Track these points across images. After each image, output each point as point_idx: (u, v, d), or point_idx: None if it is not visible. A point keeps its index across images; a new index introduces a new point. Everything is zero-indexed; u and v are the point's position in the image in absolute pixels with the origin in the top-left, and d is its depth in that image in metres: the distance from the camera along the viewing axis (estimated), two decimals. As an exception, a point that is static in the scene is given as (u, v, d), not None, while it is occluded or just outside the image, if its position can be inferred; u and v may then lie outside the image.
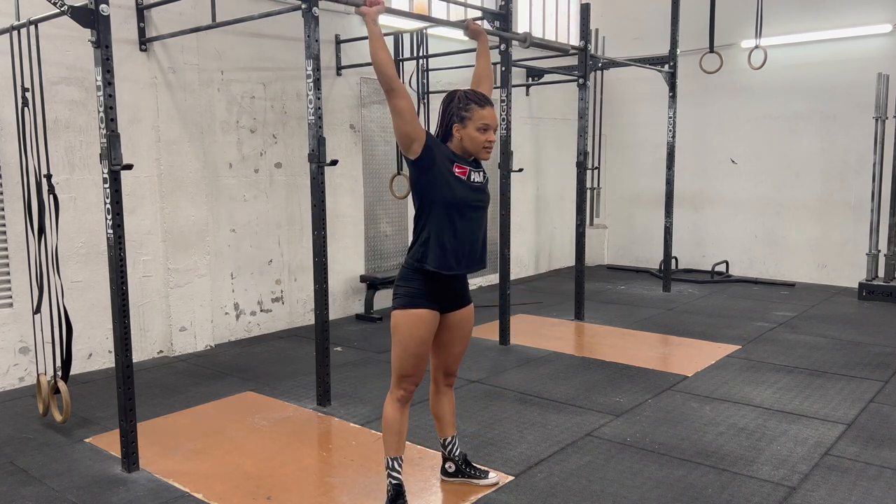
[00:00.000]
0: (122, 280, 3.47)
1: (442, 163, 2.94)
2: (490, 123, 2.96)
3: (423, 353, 3.03)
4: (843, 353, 5.64)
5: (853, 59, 8.30)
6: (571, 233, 9.91)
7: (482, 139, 2.97)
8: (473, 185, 3.02)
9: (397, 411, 3.09)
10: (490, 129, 2.97)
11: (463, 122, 2.95)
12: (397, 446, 3.11)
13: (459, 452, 3.42)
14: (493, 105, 3.01)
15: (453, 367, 3.27)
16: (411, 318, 2.99)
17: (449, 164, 2.95)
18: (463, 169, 2.98)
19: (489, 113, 2.96)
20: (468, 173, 3.00)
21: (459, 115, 2.96)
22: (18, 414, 4.44)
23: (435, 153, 2.94)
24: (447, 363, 3.25)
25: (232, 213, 6.15)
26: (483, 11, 5.55)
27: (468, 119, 2.94)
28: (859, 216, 8.38)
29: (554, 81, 8.57)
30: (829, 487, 3.35)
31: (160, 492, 3.37)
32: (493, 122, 2.97)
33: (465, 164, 3.01)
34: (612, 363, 5.44)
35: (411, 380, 3.07)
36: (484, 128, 2.95)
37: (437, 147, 2.97)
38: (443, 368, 3.26)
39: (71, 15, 3.34)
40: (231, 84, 6.06)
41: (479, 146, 2.98)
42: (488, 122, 2.95)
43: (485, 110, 2.95)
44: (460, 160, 3.00)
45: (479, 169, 3.11)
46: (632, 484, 3.41)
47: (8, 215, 4.87)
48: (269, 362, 5.56)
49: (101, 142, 3.37)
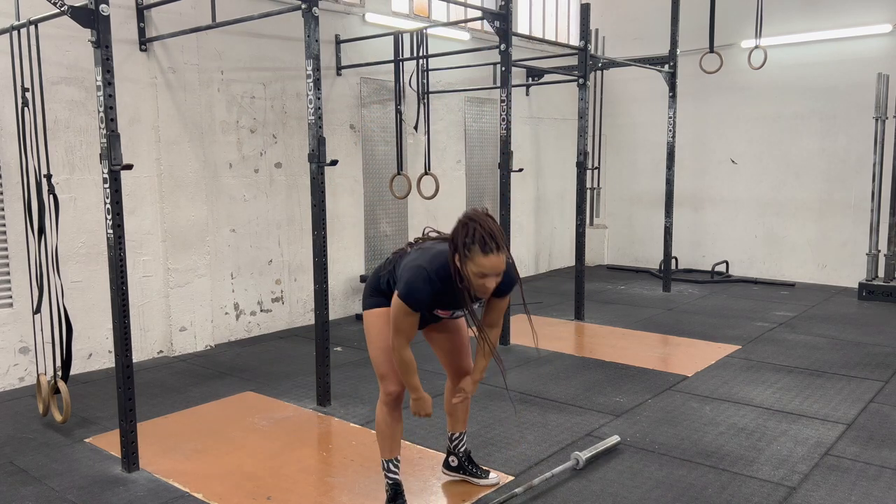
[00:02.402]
0: (122, 280, 3.47)
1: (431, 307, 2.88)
2: (489, 273, 2.67)
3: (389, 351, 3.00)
4: (843, 353, 5.64)
5: (853, 59, 8.30)
6: (571, 233, 9.92)
7: (479, 283, 2.71)
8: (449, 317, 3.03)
9: (386, 415, 3.09)
10: (489, 277, 2.69)
11: (464, 260, 2.67)
12: (391, 449, 3.12)
13: (465, 449, 3.43)
14: (502, 251, 2.67)
15: (459, 363, 3.22)
16: (381, 316, 3.00)
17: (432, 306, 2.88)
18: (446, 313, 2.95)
19: (491, 263, 2.64)
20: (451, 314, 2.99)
21: (462, 250, 2.68)
22: (18, 414, 4.44)
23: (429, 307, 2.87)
24: (450, 361, 3.23)
25: (232, 213, 6.15)
26: (483, 11, 5.54)
27: (468, 260, 2.66)
28: (859, 216, 8.38)
29: (554, 81, 8.57)
30: (829, 487, 3.35)
31: (160, 492, 3.37)
32: (495, 270, 2.67)
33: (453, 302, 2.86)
34: (612, 363, 5.44)
35: (389, 380, 3.03)
36: (482, 275, 2.68)
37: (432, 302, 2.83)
38: (451, 367, 3.24)
39: (71, 15, 3.34)
40: (231, 84, 6.06)
41: (476, 288, 2.73)
42: (486, 272, 2.67)
43: (487, 259, 2.64)
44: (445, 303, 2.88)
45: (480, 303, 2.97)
46: (632, 484, 3.41)
47: (8, 215, 4.87)
48: (269, 362, 5.56)
49: (101, 142, 3.37)
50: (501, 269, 2.68)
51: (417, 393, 2.96)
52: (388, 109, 7.35)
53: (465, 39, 8.17)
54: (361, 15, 7.08)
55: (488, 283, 2.68)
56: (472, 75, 8.22)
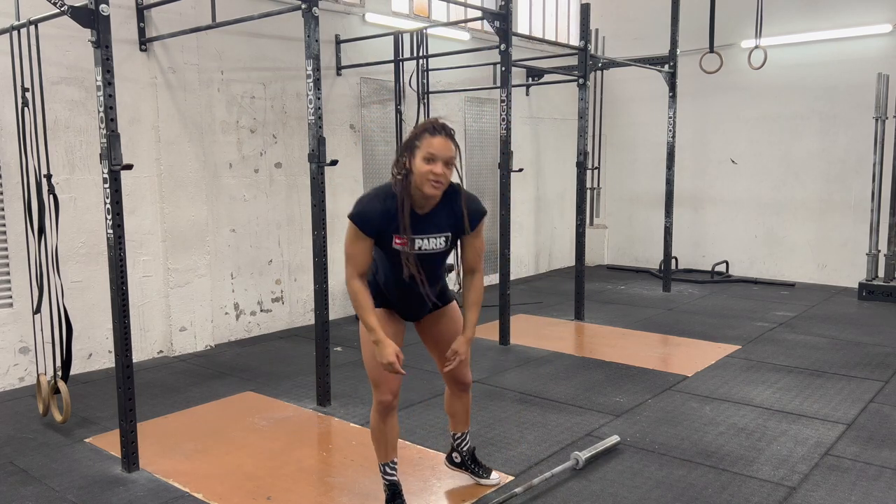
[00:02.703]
0: (122, 280, 3.47)
1: (386, 235, 2.73)
2: (437, 153, 2.60)
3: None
4: (843, 353, 5.64)
5: (853, 59, 8.30)
6: (571, 233, 9.92)
7: (425, 169, 2.61)
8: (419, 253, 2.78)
9: (379, 422, 3.02)
10: (437, 161, 2.61)
11: (412, 151, 2.65)
12: (385, 453, 3.08)
13: (468, 448, 3.40)
14: (451, 138, 2.66)
15: (456, 372, 3.12)
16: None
17: (390, 238, 2.73)
18: (404, 241, 2.72)
19: (440, 143, 2.61)
20: (410, 242, 2.73)
21: (411, 144, 2.67)
22: (18, 414, 4.44)
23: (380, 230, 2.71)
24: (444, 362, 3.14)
25: (232, 212, 6.15)
26: (483, 11, 5.54)
27: (417, 148, 2.64)
28: (859, 216, 8.38)
29: (554, 81, 8.58)
30: (828, 487, 3.36)
31: (160, 492, 3.37)
32: (443, 153, 2.61)
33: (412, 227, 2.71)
34: (612, 363, 5.44)
35: (383, 389, 2.93)
36: (429, 157, 2.61)
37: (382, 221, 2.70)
38: (448, 375, 3.16)
39: (71, 15, 3.34)
40: (231, 84, 6.06)
41: (423, 178, 2.63)
42: (435, 152, 2.60)
43: (435, 139, 2.62)
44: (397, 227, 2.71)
45: (440, 232, 2.78)
46: (632, 484, 3.41)
47: (8, 215, 4.87)
48: (269, 362, 5.56)
49: (101, 142, 3.37)
50: (449, 153, 2.63)
51: (375, 335, 2.75)
52: (388, 109, 7.35)
53: (465, 39, 8.17)
54: (361, 15, 7.08)
55: (436, 168, 2.60)
56: (472, 75, 8.22)
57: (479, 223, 2.86)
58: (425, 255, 2.81)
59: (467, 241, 2.89)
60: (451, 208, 2.79)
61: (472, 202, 2.83)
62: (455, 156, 2.67)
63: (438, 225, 2.78)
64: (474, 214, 2.84)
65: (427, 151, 2.61)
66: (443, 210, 2.78)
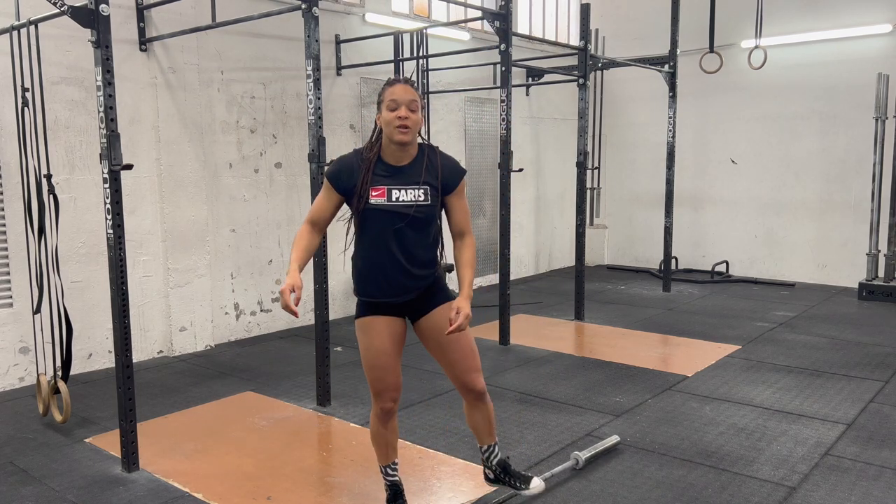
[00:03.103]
0: (122, 280, 3.47)
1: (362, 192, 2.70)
2: (398, 98, 2.64)
3: (381, 364, 2.81)
4: (843, 353, 5.64)
5: (853, 59, 8.30)
6: (571, 233, 9.91)
7: (391, 116, 2.64)
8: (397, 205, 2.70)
9: (379, 426, 2.93)
10: (400, 106, 2.64)
11: (379, 108, 2.71)
12: (386, 456, 3.01)
13: (498, 461, 3.06)
14: (411, 84, 2.71)
15: (464, 378, 2.87)
16: (361, 326, 2.87)
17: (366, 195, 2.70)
18: (379, 191, 2.69)
19: (399, 89, 2.66)
20: (387, 193, 2.69)
21: (378, 102, 2.74)
22: (18, 414, 4.44)
23: (350, 185, 2.72)
24: (454, 375, 2.90)
25: (232, 212, 6.15)
26: (483, 11, 5.54)
27: (382, 103, 2.69)
28: (859, 216, 8.38)
29: (554, 81, 8.58)
30: (828, 487, 3.36)
31: (160, 492, 3.37)
32: (404, 96, 2.65)
33: (389, 178, 2.71)
34: (612, 363, 5.44)
35: (384, 398, 2.84)
36: (392, 105, 2.65)
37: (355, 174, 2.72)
38: (457, 383, 2.93)
39: (71, 15, 3.34)
40: (231, 84, 6.06)
41: (391, 126, 2.65)
42: (396, 98, 2.64)
43: (394, 87, 2.68)
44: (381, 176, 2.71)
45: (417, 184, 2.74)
46: (632, 484, 3.41)
47: (8, 215, 4.87)
48: (269, 362, 5.56)
49: (101, 142, 3.37)
50: (410, 96, 2.64)
51: (289, 277, 2.60)
52: (388, 109, 7.33)
53: (465, 39, 8.17)
54: (361, 15, 7.08)
55: (400, 112, 2.62)
56: (472, 75, 8.21)
57: (460, 182, 2.82)
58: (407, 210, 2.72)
59: (452, 203, 2.83)
60: (430, 162, 2.78)
61: (448, 159, 2.83)
62: (417, 99, 2.68)
63: (415, 176, 2.74)
64: (452, 171, 2.81)
65: (389, 100, 2.65)
66: (419, 163, 2.76)
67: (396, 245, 2.72)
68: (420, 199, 2.71)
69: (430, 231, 2.78)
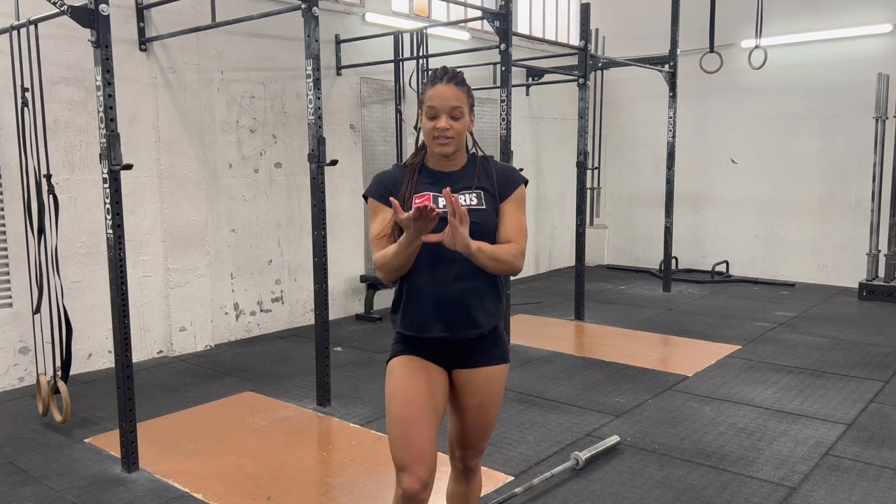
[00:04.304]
0: (122, 280, 3.47)
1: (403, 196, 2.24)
2: (438, 105, 2.16)
3: (409, 415, 2.18)
4: (843, 354, 5.64)
5: (853, 59, 8.29)
6: (571, 233, 9.91)
7: (429, 126, 2.19)
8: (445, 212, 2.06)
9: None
10: (440, 115, 2.16)
11: (421, 110, 2.24)
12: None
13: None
14: (455, 83, 2.20)
15: (467, 440, 2.39)
16: (390, 370, 2.31)
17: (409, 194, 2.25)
18: (423, 196, 2.21)
19: (441, 91, 2.17)
20: (433, 199, 2.20)
21: (419, 103, 2.27)
22: (18, 414, 4.44)
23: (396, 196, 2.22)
24: (458, 433, 2.41)
25: (232, 213, 6.15)
26: (483, 11, 5.54)
27: (423, 104, 2.22)
28: (859, 216, 8.37)
29: (554, 81, 8.57)
30: (829, 488, 3.35)
31: (160, 492, 3.37)
32: (444, 102, 2.16)
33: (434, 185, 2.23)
34: (612, 363, 5.44)
35: (407, 472, 2.15)
36: (431, 112, 2.18)
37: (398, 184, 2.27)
38: (457, 446, 2.43)
39: (71, 15, 3.34)
40: (231, 84, 6.05)
41: (429, 137, 2.21)
42: (435, 104, 2.17)
43: (435, 88, 2.18)
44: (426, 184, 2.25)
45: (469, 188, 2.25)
46: (632, 484, 3.41)
47: (8, 215, 4.87)
48: (269, 362, 5.56)
49: (100, 142, 3.37)
50: (452, 101, 2.15)
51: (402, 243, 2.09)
52: (388, 109, 7.35)
53: (465, 39, 8.16)
54: (361, 15, 7.08)
55: (440, 123, 2.15)
56: (471, 75, 8.12)
57: (517, 189, 2.29)
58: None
59: (506, 210, 2.27)
60: (483, 169, 2.31)
61: (505, 166, 2.37)
62: (462, 104, 2.18)
63: (465, 181, 2.27)
64: (509, 176, 2.31)
65: (427, 106, 2.19)
66: (470, 169, 2.30)
67: (447, 264, 2.19)
68: (473, 202, 2.22)
69: (490, 235, 2.24)
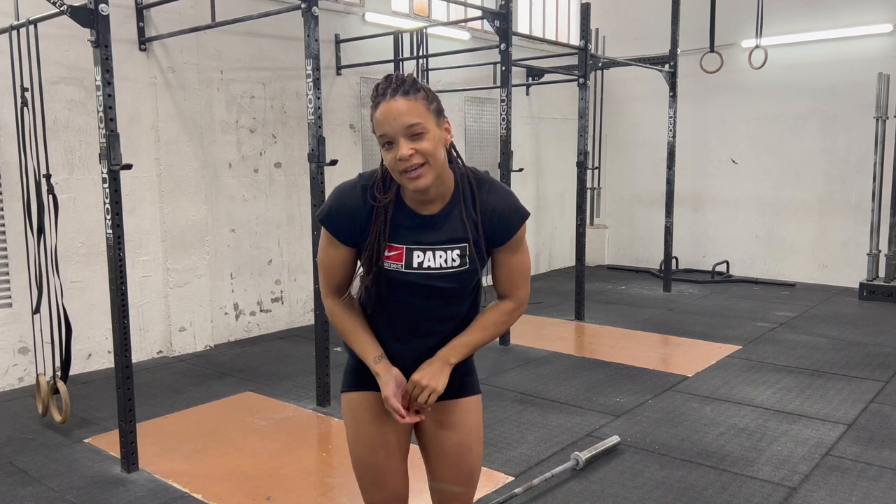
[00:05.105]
0: (122, 280, 3.47)
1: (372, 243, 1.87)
2: (389, 131, 1.68)
3: (377, 464, 1.96)
4: (843, 354, 5.64)
5: (853, 59, 8.29)
6: (571, 233, 9.91)
7: (390, 159, 1.72)
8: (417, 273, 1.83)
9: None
10: (397, 140, 1.68)
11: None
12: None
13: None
14: (404, 90, 1.69)
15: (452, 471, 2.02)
16: (349, 407, 2.00)
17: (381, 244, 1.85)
18: (396, 250, 1.84)
19: (386, 112, 1.68)
20: (406, 255, 1.83)
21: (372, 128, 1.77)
22: (18, 414, 4.43)
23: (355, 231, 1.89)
24: (440, 498, 2.08)
25: (231, 213, 6.15)
26: (483, 11, 5.54)
27: (374, 132, 1.76)
28: (860, 216, 8.37)
29: (554, 81, 8.57)
30: (829, 488, 3.35)
31: (160, 492, 3.36)
32: (397, 123, 1.67)
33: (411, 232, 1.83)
34: (612, 363, 5.44)
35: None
36: (384, 139, 1.71)
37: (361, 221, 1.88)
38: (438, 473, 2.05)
39: (70, 15, 3.33)
40: (231, 84, 6.05)
41: (395, 173, 1.73)
42: (385, 130, 1.69)
43: (379, 110, 1.70)
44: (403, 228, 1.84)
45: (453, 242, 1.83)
46: (632, 484, 3.40)
47: (8, 215, 4.86)
48: (269, 362, 5.56)
49: (100, 142, 3.36)
50: (403, 116, 1.66)
51: (374, 369, 1.86)
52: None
53: (465, 39, 8.16)
54: (361, 14, 7.08)
55: (401, 152, 1.67)
56: (472, 75, 8.21)
57: (517, 233, 1.88)
58: (432, 281, 1.85)
59: (500, 257, 1.92)
60: (472, 206, 1.84)
61: (501, 198, 1.86)
62: (421, 118, 1.68)
63: (448, 230, 1.83)
64: (504, 216, 1.85)
65: (379, 133, 1.71)
66: (455, 206, 1.83)
67: (414, 316, 1.91)
68: (453, 264, 1.85)
69: (463, 302, 1.95)
